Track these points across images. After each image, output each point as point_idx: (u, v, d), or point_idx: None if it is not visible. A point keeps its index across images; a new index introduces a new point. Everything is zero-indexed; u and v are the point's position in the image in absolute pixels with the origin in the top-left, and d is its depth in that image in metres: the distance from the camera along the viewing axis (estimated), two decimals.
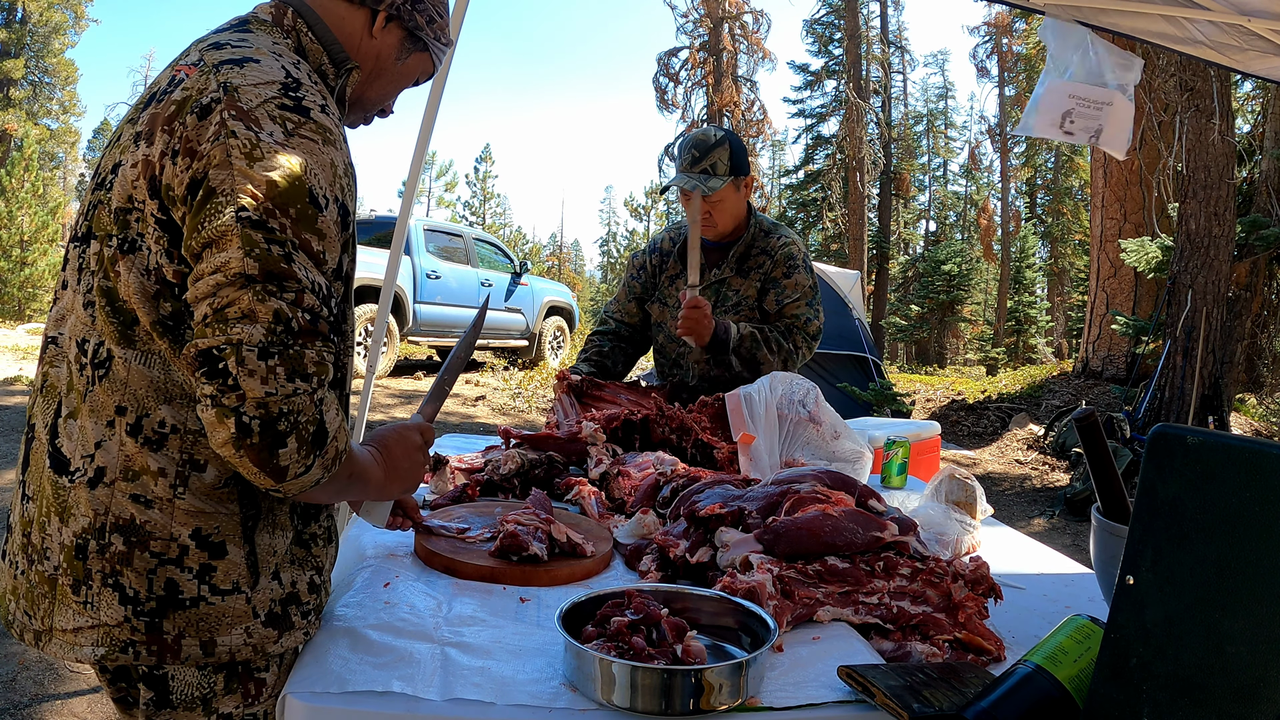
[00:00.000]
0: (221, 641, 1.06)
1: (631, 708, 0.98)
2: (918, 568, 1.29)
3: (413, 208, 3.77)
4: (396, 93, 1.30)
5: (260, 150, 0.96)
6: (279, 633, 1.11)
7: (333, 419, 1.00)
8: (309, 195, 0.98)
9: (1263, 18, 2.53)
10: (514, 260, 11.60)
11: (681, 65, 22.96)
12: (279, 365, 0.94)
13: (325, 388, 0.99)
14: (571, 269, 44.61)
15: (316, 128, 1.01)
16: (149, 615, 1.03)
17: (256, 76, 1.02)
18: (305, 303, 0.97)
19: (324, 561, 1.20)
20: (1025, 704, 0.93)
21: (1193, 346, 7.25)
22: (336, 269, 1.04)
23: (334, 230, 1.01)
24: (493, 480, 1.87)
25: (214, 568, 1.06)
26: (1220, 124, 7.38)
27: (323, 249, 1.00)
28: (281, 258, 0.95)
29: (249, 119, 0.98)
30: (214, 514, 1.06)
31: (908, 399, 9.04)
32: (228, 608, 1.06)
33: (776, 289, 2.44)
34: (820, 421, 1.97)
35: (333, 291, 1.02)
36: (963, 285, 22.27)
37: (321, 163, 1.00)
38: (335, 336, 1.02)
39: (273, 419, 0.94)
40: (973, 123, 41.96)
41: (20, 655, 3.09)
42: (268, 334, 0.94)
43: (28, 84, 27.09)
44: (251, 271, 0.94)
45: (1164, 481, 0.85)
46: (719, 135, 2.39)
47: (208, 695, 1.09)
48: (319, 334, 0.98)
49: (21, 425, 6.28)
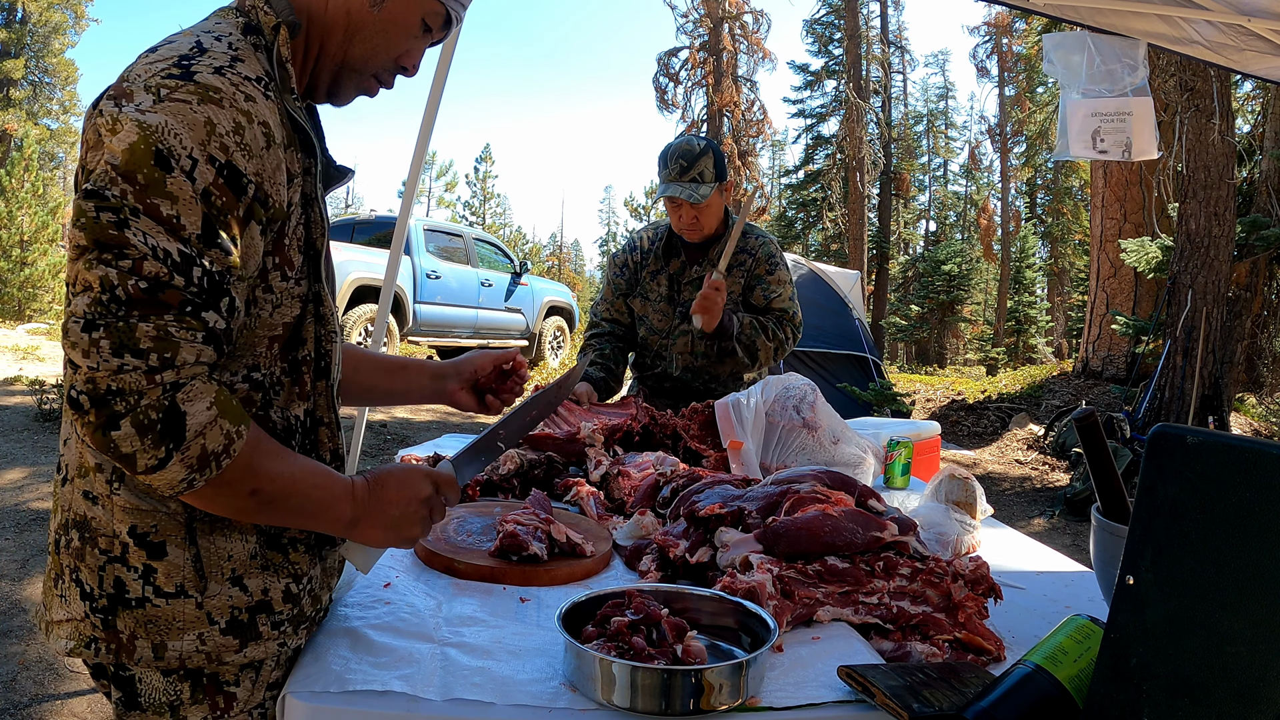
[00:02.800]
0: (172, 646, 1.02)
1: (631, 708, 0.98)
2: (918, 568, 1.29)
3: (413, 208, 3.77)
4: (395, 46, 1.14)
5: (119, 122, 0.90)
6: (240, 642, 1.05)
7: (199, 413, 0.90)
8: (155, 157, 0.89)
9: (1262, 18, 2.53)
10: (514, 260, 11.60)
11: (681, 65, 22.95)
12: (103, 338, 0.87)
13: (179, 371, 0.89)
14: (571, 269, 44.61)
15: (195, 88, 0.92)
16: (103, 612, 1.02)
17: (159, 55, 0.97)
18: (144, 271, 0.88)
19: (305, 568, 1.12)
20: (1025, 704, 0.93)
21: (1193, 346, 7.25)
22: (206, 235, 0.92)
23: (193, 193, 0.91)
24: (492, 480, 1.87)
25: (154, 569, 1.01)
26: (1220, 124, 7.38)
27: (176, 213, 0.90)
28: (112, 224, 0.88)
29: (122, 95, 0.93)
30: (152, 512, 1.01)
31: (908, 399, 9.04)
32: (175, 611, 1.02)
33: (762, 285, 2.63)
34: (816, 427, 1.96)
35: (201, 260, 0.91)
36: (963, 285, 22.26)
37: (189, 122, 0.91)
38: (207, 312, 0.92)
39: (101, 396, 0.87)
40: (973, 123, 41.97)
41: (20, 655, 3.09)
42: (92, 304, 0.87)
43: (28, 84, 27.10)
44: (81, 242, 0.89)
45: (1164, 481, 0.85)
46: (702, 144, 2.55)
47: (174, 703, 1.06)
48: (162, 305, 0.89)
49: (21, 425, 6.28)
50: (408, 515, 1.10)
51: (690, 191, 2.47)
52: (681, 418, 2.13)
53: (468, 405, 1.47)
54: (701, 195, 2.48)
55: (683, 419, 2.12)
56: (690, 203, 2.49)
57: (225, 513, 1.00)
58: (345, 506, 1.06)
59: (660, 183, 2.57)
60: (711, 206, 2.55)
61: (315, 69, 1.13)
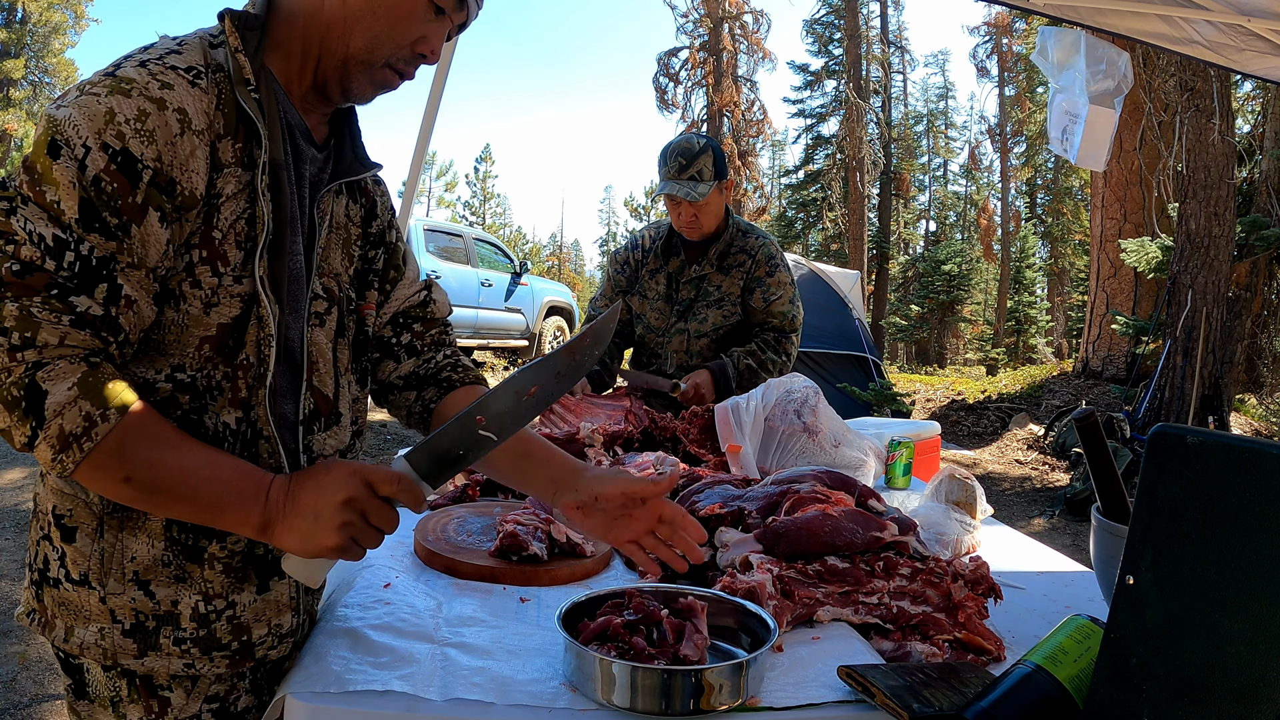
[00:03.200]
0: (78, 633, 1.04)
1: (631, 708, 0.98)
2: (918, 568, 1.29)
3: (413, 208, 3.77)
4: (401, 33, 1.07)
5: (41, 119, 0.94)
6: (140, 648, 1.03)
7: (59, 393, 0.89)
8: (49, 147, 0.91)
9: (1262, 17, 2.53)
10: (514, 260, 11.60)
11: (681, 65, 22.95)
12: None
13: (40, 351, 0.89)
14: (571, 269, 44.61)
15: (110, 81, 0.94)
16: (35, 585, 1.07)
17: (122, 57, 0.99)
18: (20, 255, 0.89)
19: (219, 589, 1.05)
20: (1025, 704, 0.93)
21: (1193, 346, 7.26)
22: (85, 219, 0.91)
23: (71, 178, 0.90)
24: (492, 480, 1.87)
25: (65, 553, 1.04)
26: (1220, 124, 7.38)
27: (57, 198, 0.90)
28: (2, 213, 0.91)
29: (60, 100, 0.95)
30: (72, 496, 1.04)
31: (908, 399, 9.04)
32: (82, 599, 1.04)
33: (762, 288, 2.63)
34: (817, 431, 1.95)
35: (76, 245, 0.91)
36: (963, 285, 22.27)
37: (90, 112, 0.91)
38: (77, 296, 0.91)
39: None
40: (973, 123, 41.97)
41: (20, 655, 3.09)
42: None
43: (28, 84, 27.09)
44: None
45: (1164, 481, 0.85)
46: (701, 142, 2.55)
47: (114, 698, 1.07)
48: (29, 288, 0.89)
49: None
50: (324, 520, 0.95)
51: (689, 190, 2.48)
52: (681, 421, 2.13)
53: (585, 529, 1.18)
54: (700, 193, 2.48)
55: (682, 422, 2.12)
56: (689, 201, 2.49)
57: (115, 499, 0.98)
58: (251, 507, 0.96)
59: (660, 180, 2.57)
60: (711, 205, 2.55)
61: (320, 67, 1.09)
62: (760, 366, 2.57)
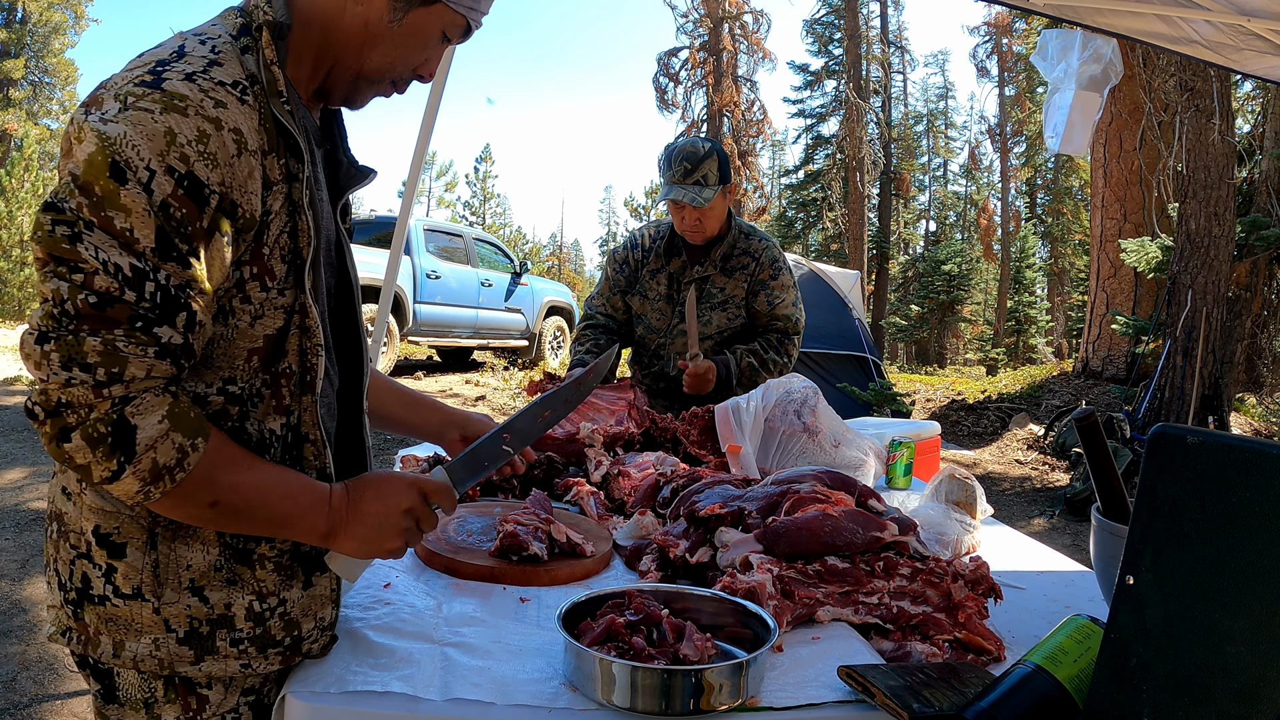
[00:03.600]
0: (129, 646, 1.02)
1: (631, 708, 0.98)
2: (918, 568, 1.29)
3: (413, 208, 3.78)
4: (414, 57, 1.12)
5: (83, 131, 0.89)
6: (196, 654, 1.03)
7: (149, 427, 0.90)
8: (110, 169, 0.88)
9: (1262, 17, 2.53)
10: (514, 260, 11.60)
11: (681, 65, 22.95)
12: (54, 351, 0.87)
13: (127, 385, 0.89)
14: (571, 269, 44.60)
15: (161, 96, 0.91)
16: (73, 604, 1.05)
17: (142, 60, 0.96)
18: (95, 285, 0.87)
19: (272, 588, 1.07)
20: (1025, 704, 0.93)
21: (1193, 346, 7.26)
22: (161, 248, 0.90)
23: (145, 206, 0.89)
24: (492, 480, 1.87)
25: (115, 568, 1.02)
26: (1220, 124, 7.38)
27: (129, 226, 0.88)
28: (65, 239, 0.87)
29: (93, 103, 0.92)
30: (115, 513, 1.02)
31: (908, 399, 9.04)
32: (133, 613, 1.02)
33: (766, 291, 2.64)
34: (817, 431, 1.95)
35: (155, 274, 0.90)
36: (963, 285, 22.26)
37: (149, 132, 0.89)
38: (160, 328, 0.91)
39: (54, 408, 0.88)
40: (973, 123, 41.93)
41: (20, 655, 3.09)
42: (44, 318, 0.88)
43: (28, 84, 27.09)
44: (39, 254, 0.89)
45: (1164, 481, 0.85)
46: (707, 147, 2.53)
47: (149, 700, 1.07)
48: (109, 321, 0.88)
49: (21, 425, 6.28)
50: (387, 526, 1.07)
51: (694, 195, 2.47)
52: (682, 421, 2.13)
53: None
54: (705, 199, 2.47)
55: (683, 423, 2.12)
56: (694, 206, 2.49)
57: (190, 522, 1.00)
58: (318, 517, 1.04)
59: (664, 183, 2.56)
60: (715, 209, 2.54)
61: (330, 75, 1.11)
62: (762, 366, 2.58)
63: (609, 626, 1.06)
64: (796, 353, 2.66)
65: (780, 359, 2.61)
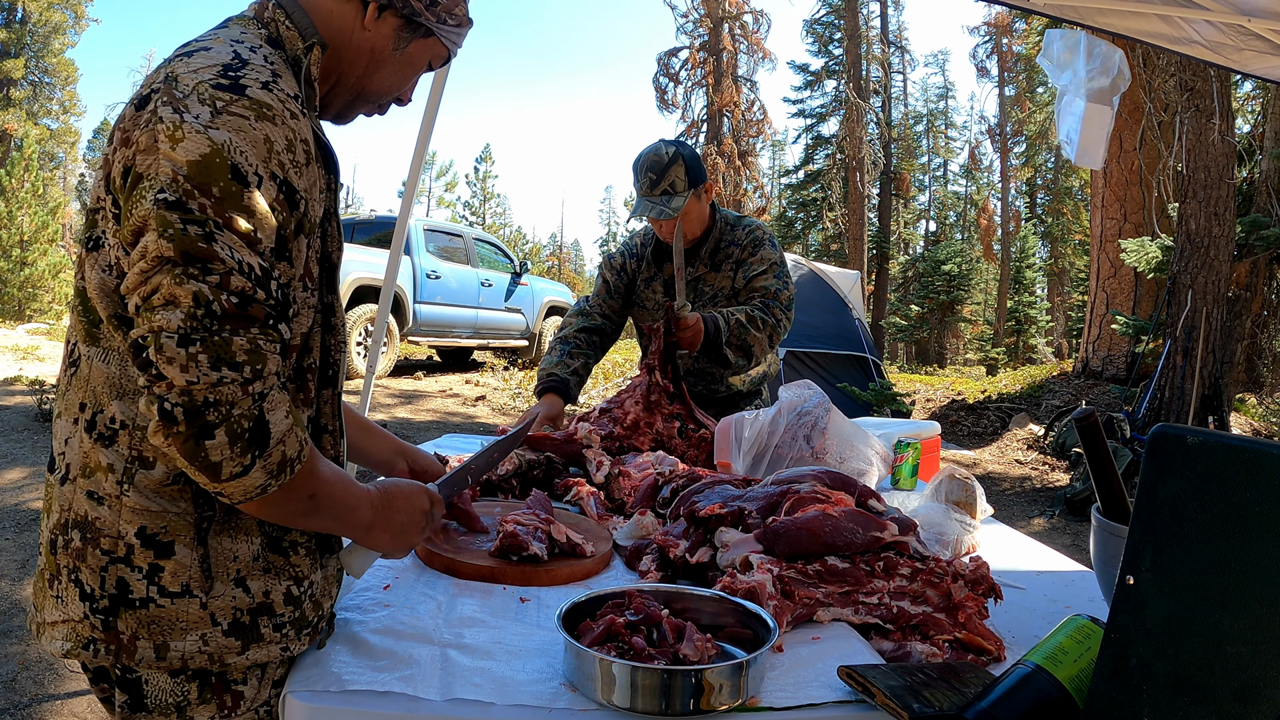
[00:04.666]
0: (175, 646, 1.02)
1: (631, 708, 0.98)
2: (918, 568, 1.29)
3: (413, 208, 3.77)
4: (406, 82, 1.24)
5: (183, 131, 0.92)
6: (243, 644, 1.05)
7: (279, 421, 0.95)
8: (232, 172, 0.93)
9: (1262, 18, 2.53)
10: (514, 260, 11.59)
11: (681, 65, 22.96)
12: (201, 352, 0.90)
13: (265, 381, 0.94)
14: (571, 269, 44.60)
15: (250, 104, 0.96)
16: (104, 613, 1.02)
17: (200, 62, 0.99)
18: (232, 285, 0.91)
19: (306, 572, 1.12)
20: (1025, 704, 0.93)
21: (1193, 346, 7.26)
22: (278, 249, 0.98)
23: (266, 208, 0.95)
24: (492, 480, 1.87)
25: (161, 568, 1.02)
26: (1220, 124, 7.38)
27: (253, 227, 0.94)
28: (200, 238, 0.90)
29: (177, 103, 0.95)
30: (162, 513, 1.02)
31: (908, 399, 9.04)
32: (180, 611, 1.03)
33: (744, 267, 2.54)
34: (824, 454, 1.93)
35: (274, 274, 0.96)
36: (963, 285, 22.28)
37: (252, 139, 0.95)
38: (281, 325, 0.97)
39: (198, 408, 0.90)
40: (973, 123, 41.98)
41: (20, 655, 3.09)
42: (187, 319, 0.89)
43: (28, 84, 27.09)
44: (168, 254, 0.90)
45: (1164, 481, 0.85)
46: (671, 151, 2.45)
47: (181, 703, 1.07)
48: (250, 319, 0.93)
49: (21, 425, 6.29)
50: (412, 524, 1.18)
51: (661, 208, 2.40)
52: (684, 440, 2.13)
53: None
54: (674, 209, 2.39)
55: (684, 441, 2.13)
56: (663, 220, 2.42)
57: (279, 517, 1.03)
58: (366, 510, 1.12)
59: (636, 196, 2.49)
60: (690, 213, 2.47)
61: (331, 92, 1.19)
62: (749, 322, 2.40)
63: (609, 627, 1.06)
64: (785, 320, 2.48)
65: (768, 318, 2.43)
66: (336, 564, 1.19)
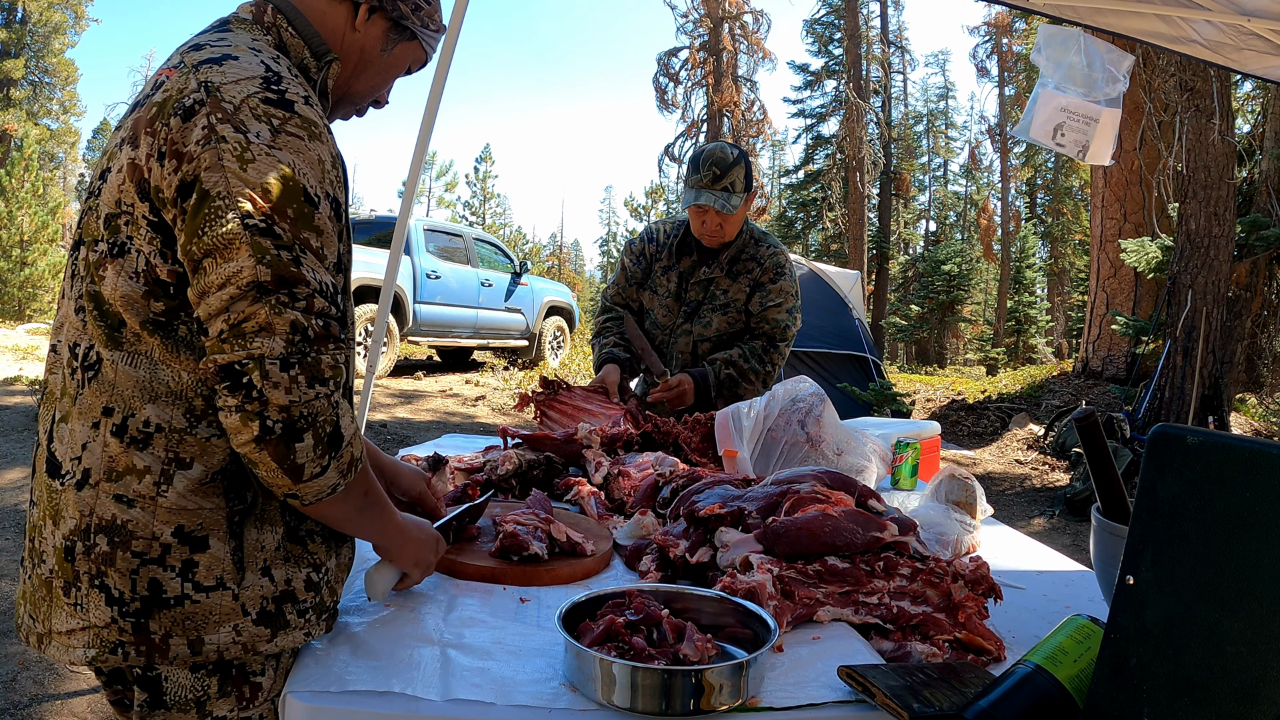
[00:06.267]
0: (209, 639, 1.04)
1: (631, 708, 0.98)
2: (918, 568, 1.29)
3: (413, 208, 3.77)
4: (386, 84, 1.29)
5: (251, 152, 0.97)
6: (272, 631, 1.08)
7: (348, 424, 1.03)
8: (304, 194, 0.99)
9: (1262, 18, 2.54)
10: (514, 260, 11.59)
11: (681, 65, 22.95)
12: (300, 374, 0.97)
13: (340, 390, 1.01)
14: (571, 269, 44.59)
15: (302, 123, 1.02)
16: (135, 616, 1.03)
17: (236, 73, 1.02)
18: (317, 308, 0.99)
19: (322, 559, 1.15)
20: (1025, 704, 0.93)
21: (1193, 346, 7.26)
22: (336, 262, 1.05)
23: (329, 225, 1.02)
24: (492, 480, 1.87)
25: (196, 564, 1.04)
26: (1220, 124, 7.38)
27: (322, 245, 1.01)
28: (291, 261, 0.97)
29: (235, 121, 0.98)
30: (197, 510, 1.04)
31: (908, 399, 9.04)
32: (213, 605, 1.04)
33: (762, 292, 2.63)
34: (820, 441, 1.94)
35: (338, 288, 1.04)
36: (963, 285, 22.27)
37: (309, 160, 1.01)
38: (343, 334, 1.03)
39: (293, 421, 0.97)
40: (973, 123, 41.96)
41: (20, 655, 3.09)
42: (287, 345, 0.96)
43: (28, 84, 27.10)
44: (265, 279, 0.96)
45: (1164, 481, 0.85)
46: (735, 154, 2.53)
47: (201, 698, 1.08)
48: (332, 337, 1.01)
49: (21, 425, 6.28)
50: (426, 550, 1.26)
51: (723, 201, 2.47)
52: (684, 426, 2.13)
53: None
54: (733, 206, 2.48)
55: (685, 428, 2.12)
56: (719, 211, 2.48)
57: (337, 517, 1.10)
58: (398, 522, 1.20)
59: (688, 187, 2.54)
60: (737, 216, 2.55)
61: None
62: (741, 376, 2.56)
63: (609, 627, 1.06)
64: (781, 361, 2.63)
65: (762, 368, 2.58)
66: (347, 553, 1.22)
